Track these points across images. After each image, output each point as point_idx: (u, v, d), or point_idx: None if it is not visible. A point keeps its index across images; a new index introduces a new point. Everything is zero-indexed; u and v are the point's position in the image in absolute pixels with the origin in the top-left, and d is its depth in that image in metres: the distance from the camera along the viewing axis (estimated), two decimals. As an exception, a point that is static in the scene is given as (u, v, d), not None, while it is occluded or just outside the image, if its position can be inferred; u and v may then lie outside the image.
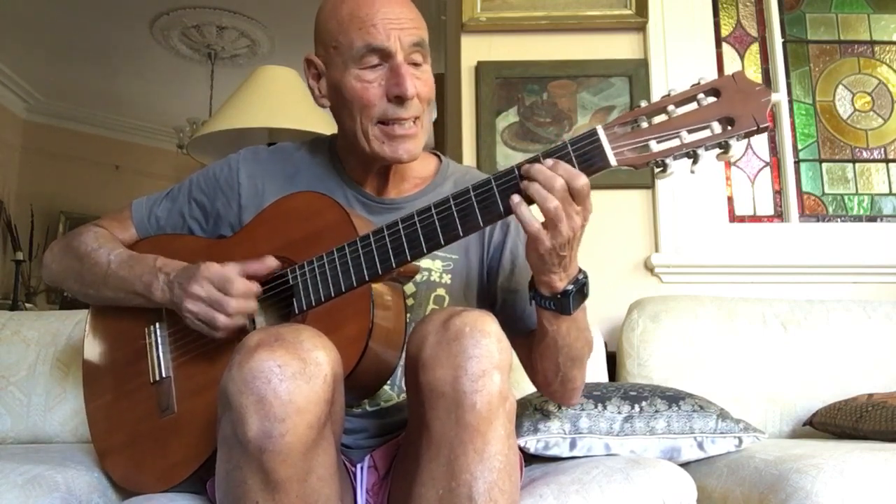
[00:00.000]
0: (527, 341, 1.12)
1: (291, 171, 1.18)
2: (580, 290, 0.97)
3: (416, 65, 1.06)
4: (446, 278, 1.13)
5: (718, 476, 1.22)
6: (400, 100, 1.03)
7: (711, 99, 0.87)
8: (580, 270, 0.97)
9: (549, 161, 0.89)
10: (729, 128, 0.86)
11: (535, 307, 1.01)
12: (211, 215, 1.18)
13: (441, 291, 1.13)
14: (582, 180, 0.88)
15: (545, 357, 1.04)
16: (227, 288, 0.98)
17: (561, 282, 0.95)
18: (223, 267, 1.00)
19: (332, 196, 1.06)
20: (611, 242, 1.99)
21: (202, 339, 1.03)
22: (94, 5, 4.43)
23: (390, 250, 0.95)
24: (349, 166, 1.17)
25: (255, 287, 1.01)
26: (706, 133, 0.87)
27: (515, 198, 0.90)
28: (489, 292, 1.17)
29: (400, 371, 1.06)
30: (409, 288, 1.11)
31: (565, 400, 1.13)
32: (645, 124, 0.89)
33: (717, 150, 0.88)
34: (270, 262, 1.02)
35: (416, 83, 1.05)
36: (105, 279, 1.11)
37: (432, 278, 1.13)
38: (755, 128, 0.85)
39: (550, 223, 0.89)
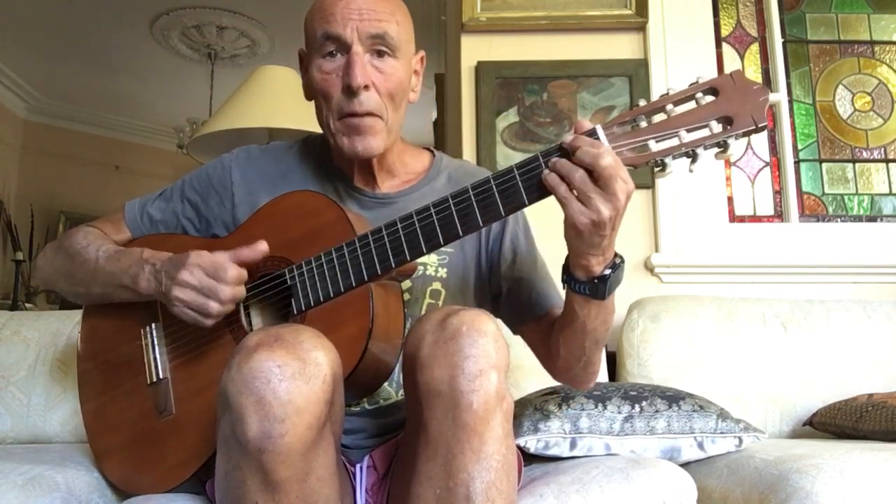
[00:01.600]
0: (538, 327, 1.12)
1: (284, 169, 1.18)
2: (616, 274, 0.95)
3: (379, 55, 1.04)
4: (442, 272, 1.13)
5: (718, 476, 1.22)
6: (350, 90, 1.02)
7: (710, 98, 0.87)
8: (616, 255, 0.96)
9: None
10: (727, 127, 0.86)
11: (566, 291, 0.99)
12: (204, 215, 1.18)
13: (437, 286, 1.13)
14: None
15: (570, 342, 1.04)
16: (220, 275, 0.97)
17: (598, 266, 0.93)
18: (213, 254, 0.99)
19: (324, 192, 1.05)
20: (611, 242, 1.99)
21: (199, 339, 1.02)
22: (94, 5, 4.43)
23: (389, 250, 0.95)
24: (339, 161, 1.16)
25: (244, 273, 0.99)
26: (705, 132, 0.87)
27: (547, 172, 0.87)
28: (491, 283, 1.17)
29: (399, 369, 1.06)
30: (405, 283, 1.10)
31: (584, 384, 1.13)
32: (644, 124, 0.89)
33: (716, 150, 0.88)
34: (262, 247, 1.00)
35: (376, 76, 1.04)
36: (94, 275, 1.10)
37: (428, 272, 1.13)
38: (753, 127, 0.86)
39: (604, 182, 0.85)
